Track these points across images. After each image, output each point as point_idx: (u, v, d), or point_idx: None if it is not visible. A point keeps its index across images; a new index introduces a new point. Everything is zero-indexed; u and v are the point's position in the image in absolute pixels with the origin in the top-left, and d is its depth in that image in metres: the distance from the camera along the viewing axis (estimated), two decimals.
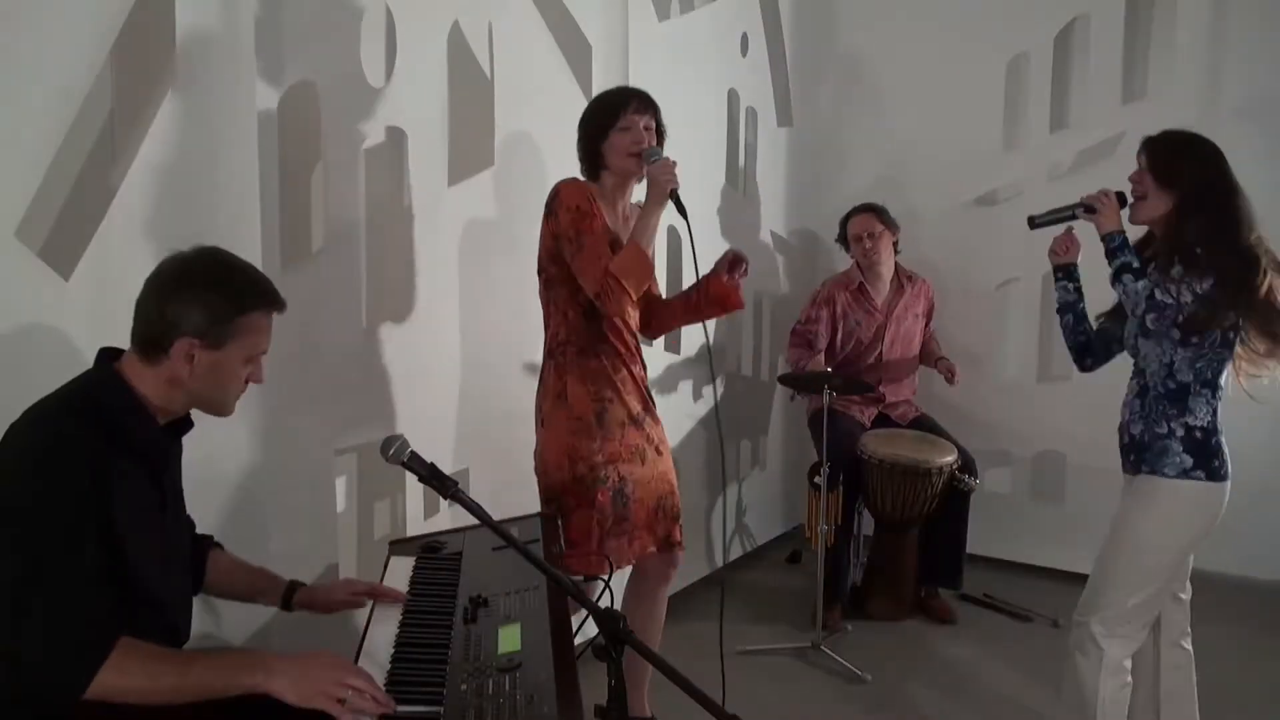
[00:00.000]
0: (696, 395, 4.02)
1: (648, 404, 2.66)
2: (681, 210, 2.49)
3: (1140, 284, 2.34)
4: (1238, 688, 3.28)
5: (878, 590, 3.87)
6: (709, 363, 2.69)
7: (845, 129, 4.61)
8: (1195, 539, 2.40)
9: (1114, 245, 2.42)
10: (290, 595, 1.92)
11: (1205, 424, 2.32)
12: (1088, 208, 2.49)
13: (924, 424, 3.97)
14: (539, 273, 2.57)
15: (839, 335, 3.99)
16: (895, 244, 3.97)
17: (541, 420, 2.58)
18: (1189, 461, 2.31)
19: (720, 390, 4.17)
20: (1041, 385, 4.22)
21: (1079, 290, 2.61)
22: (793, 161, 4.55)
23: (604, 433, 2.52)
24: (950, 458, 3.68)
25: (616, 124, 2.51)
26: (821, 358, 3.94)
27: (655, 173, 2.46)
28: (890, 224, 3.94)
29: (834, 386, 3.51)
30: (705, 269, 2.62)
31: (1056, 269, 2.62)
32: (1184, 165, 2.34)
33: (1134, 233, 2.46)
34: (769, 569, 4.38)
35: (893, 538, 3.85)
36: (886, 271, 3.99)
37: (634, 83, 3.36)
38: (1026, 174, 4.23)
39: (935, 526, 3.82)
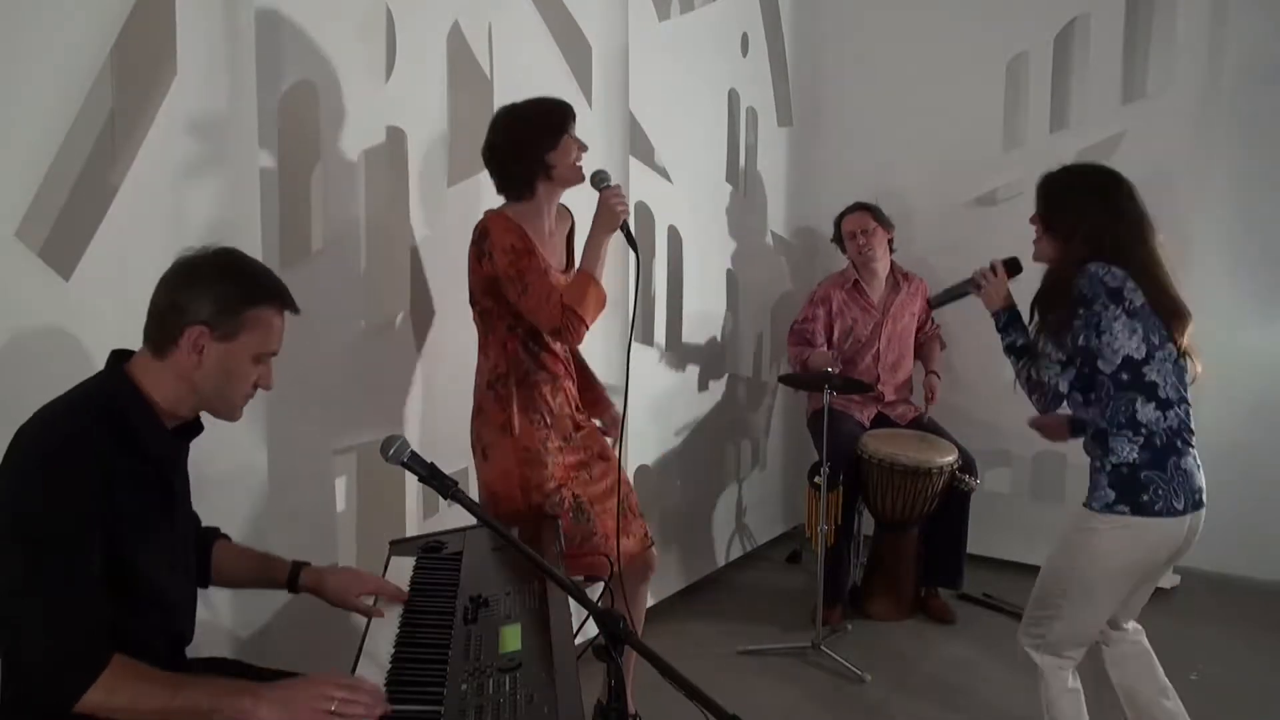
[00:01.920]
0: (697, 395, 4.02)
1: (577, 420, 2.64)
2: (631, 242, 2.48)
3: (1020, 365, 2.46)
4: (1237, 688, 3.28)
5: (878, 590, 3.87)
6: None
7: (845, 129, 4.61)
8: (1130, 570, 2.34)
9: (1000, 325, 2.52)
10: (296, 576, 1.90)
11: (1130, 460, 2.27)
12: (974, 284, 2.58)
13: (924, 424, 3.97)
14: (471, 304, 2.54)
15: (836, 333, 3.99)
16: (890, 242, 3.97)
17: (483, 451, 2.55)
18: (1111, 495, 2.29)
19: (721, 391, 4.17)
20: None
21: (1024, 328, 2.57)
22: (793, 161, 4.55)
23: (551, 458, 2.52)
24: (950, 458, 3.68)
25: (568, 132, 2.47)
26: (826, 347, 3.94)
27: (609, 200, 2.43)
28: (884, 222, 3.94)
29: (834, 386, 3.51)
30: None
31: (997, 314, 2.58)
32: (1061, 207, 2.39)
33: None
34: (769, 569, 4.38)
35: (893, 538, 3.85)
36: (882, 269, 3.99)
37: (634, 83, 3.38)
38: (1026, 174, 4.20)
39: (935, 526, 3.82)
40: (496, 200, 2.95)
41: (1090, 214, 2.33)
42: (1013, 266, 2.56)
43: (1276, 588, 4.05)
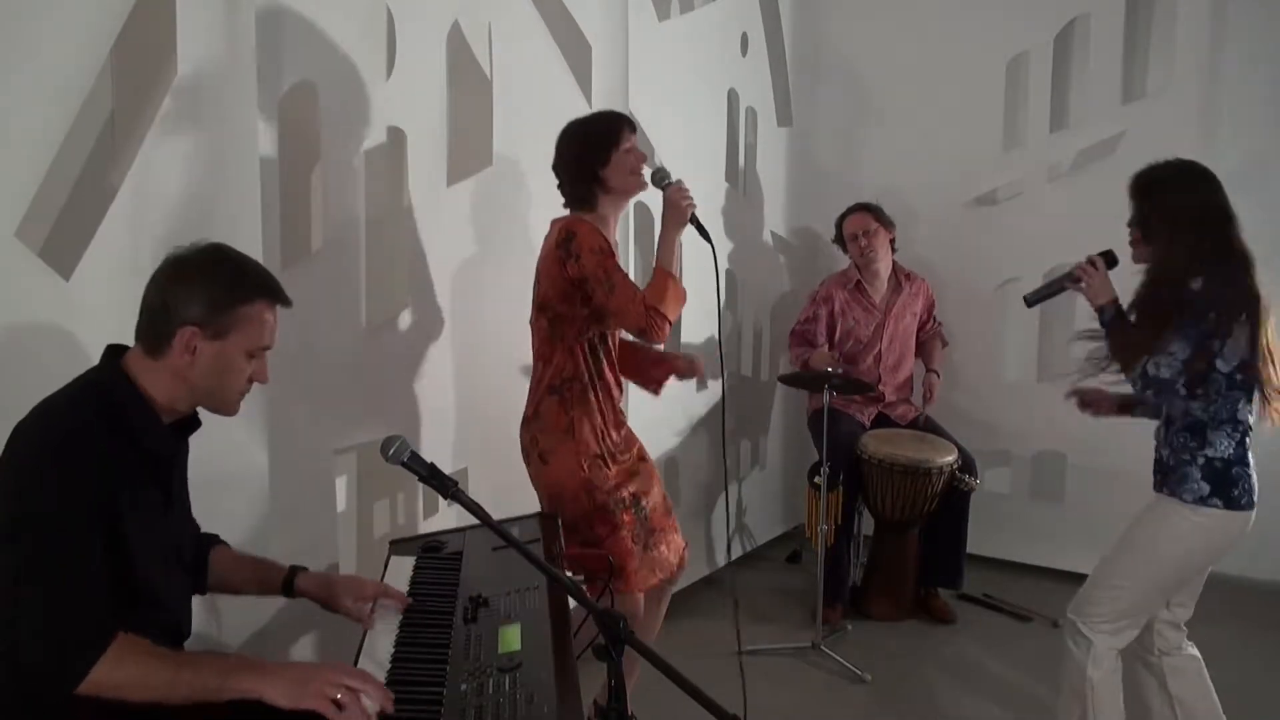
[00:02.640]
0: (697, 395, 4.02)
1: (622, 426, 2.72)
2: (704, 233, 2.53)
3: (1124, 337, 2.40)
4: (1239, 688, 3.27)
5: (878, 590, 3.87)
6: (720, 361, 2.69)
7: (845, 129, 4.61)
8: (1202, 562, 2.43)
9: (1104, 320, 2.47)
10: (291, 580, 1.89)
11: (1226, 455, 2.33)
12: (1074, 279, 2.53)
13: (924, 424, 3.97)
14: (540, 309, 2.57)
15: (837, 333, 3.99)
16: (892, 242, 3.97)
17: (540, 455, 2.58)
18: (1205, 489, 2.33)
19: (720, 390, 4.17)
20: (1041, 385, 4.21)
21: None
22: (793, 161, 4.55)
23: (612, 460, 2.60)
24: (950, 458, 3.68)
25: (620, 145, 2.52)
26: (827, 347, 3.94)
27: (674, 197, 2.50)
28: (886, 222, 3.94)
29: (834, 386, 3.51)
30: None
31: (1101, 309, 2.52)
32: (1153, 208, 2.37)
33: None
34: (769, 569, 4.38)
35: (893, 538, 3.85)
36: (884, 269, 3.99)
37: (634, 83, 3.38)
38: (1026, 174, 4.23)
39: (935, 526, 3.82)
40: (496, 200, 2.96)
41: (1181, 221, 2.33)
42: (1110, 259, 2.53)
43: (1276, 588, 4.05)
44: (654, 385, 2.85)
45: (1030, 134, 4.20)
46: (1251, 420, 2.35)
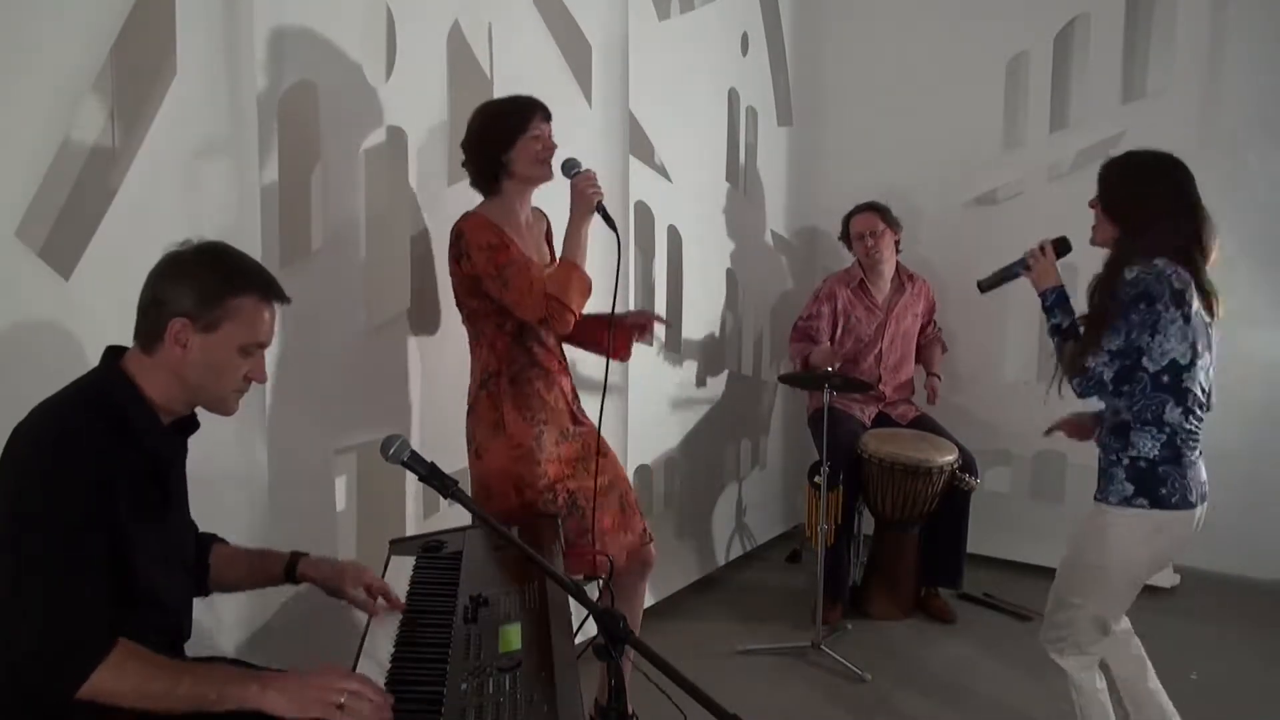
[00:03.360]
0: (697, 394, 4.02)
1: (575, 414, 2.66)
2: (609, 222, 2.48)
3: (1065, 347, 2.42)
4: (1237, 688, 3.28)
5: (878, 590, 3.87)
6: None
7: (845, 129, 4.61)
8: (1148, 563, 2.39)
9: (1046, 305, 2.49)
10: (293, 566, 1.89)
11: (1151, 455, 2.30)
12: (1025, 265, 2.55)
13: (924, 423, 3.97)
14: (458, 307, 2.56)
15: (839, 332, 3.99)
16: (897, 243, 3.98)
17: (476, 451, 2.56)
18: (1129, 489, 2.31)
19: (721, 390, 4.17)
20: (1041, 385, 4.19)
21: (1070, 310, 2.57)
22: (793, 161, 4.55)
23: (545, 455, 2.53)
24: (950, 457, 3.68)
25: (527, 131, 2.48)
26: (827, 344, 3.94)
27: (581, 185, 2.46)
28: (892, 223, 3.95)
29: (834, 385, 3.51)
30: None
31: (1044, 294, 2.55)
32: (1122, 192, 2.36)
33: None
34: (769, 569, 4.38)
35: (893, 537, 3.85)
36: (888, 270, 4.00)
37: (634, 83, 3.38)
38: (1026, 174, 4.23)
39: (935, 526, 3.82)
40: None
41: (1153, 204, 2.31)
42: (1062, 246, 2.54)
43: (1276, 588, 4.05)
44: (618, 352, 2.72)
45: (1030, 134, 4.20)
46: (1187, 423, 2.30)
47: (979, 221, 4.30)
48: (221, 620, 2.25)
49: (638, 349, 2.89)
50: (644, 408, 3.59)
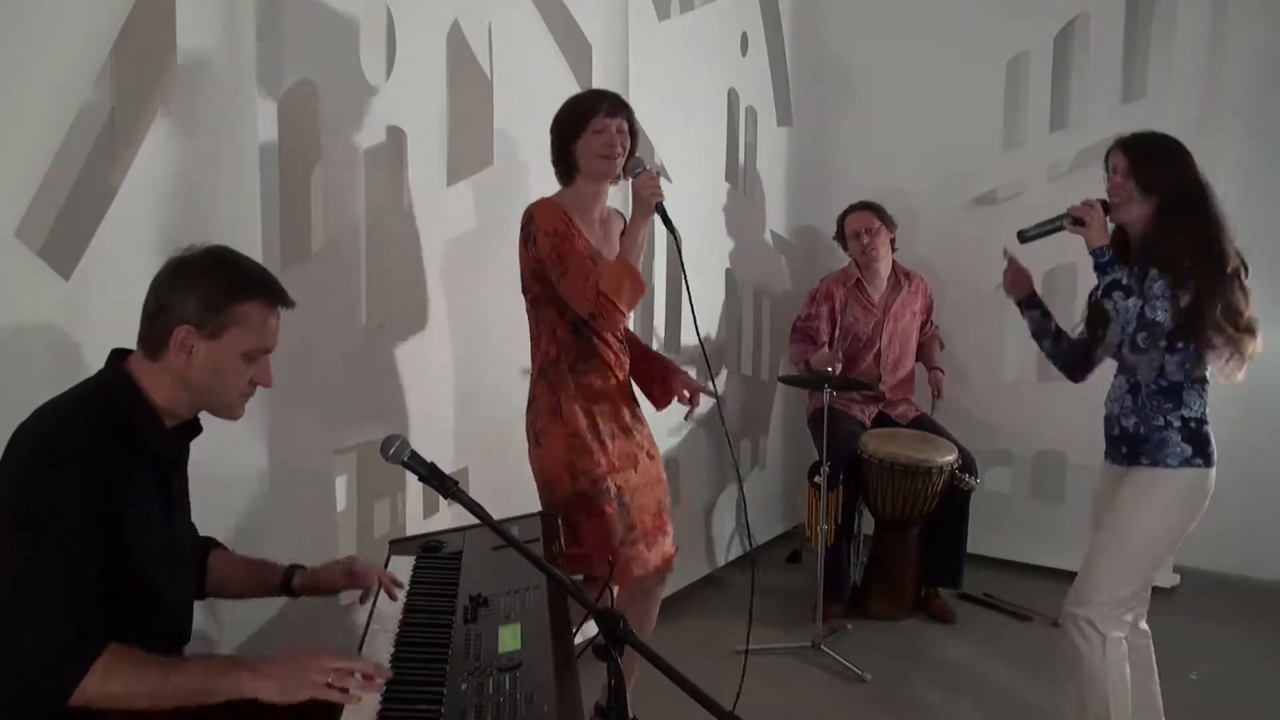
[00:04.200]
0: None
1: (635, 410, 2.68)
2: (668, 224, 2.49)
3: (1130, 301, 2.38)
4: (1237, 688, 3.28)
5: (878, 590, 3.87)
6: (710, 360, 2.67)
7: (845, 128, 4.61)
8: (1189, 523, 2.47)
9: (1103, 261, 2.45)
10: (290, 579, 1.90)
11: (1199, 414, 2.40)
12: (1075, 220, 2.51)
13: (924, 423, 3.97)
14: (524, 292, 2.58)
15: (837, 331, 3.99)
16: (893, 241, 3.98)
17: (535, 437, 2.58)
18: (1188, 450, 2.39)
19: (721, 390, 4.17)
20: (1041, 385, 4.22)
21: (1047, 313, 2.70)
22: (793, 161, 4.55)
23: (600, 445, 2.54)
24: (950, 457, 3.68)
25: (589, 126, 2.49)
26: (827, 348, 3.94)
27: (640, 186, 2.46)
28: (888, 221, 3.95)
29: (834, 386, 3.51)
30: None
31: (1018, 302, 2.70)
32: (1165, 171, 2.38)
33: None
34: (769, 569, 4.38)
35: (893, 537, 3.85)
36: (884, 268, 4.00)
37: (634, 83, 3.38)
38: (1026, 173, 4.23)
39: (935, 526, 3.82)
40: (496, 200, 2.96)
41: (1188, 175, 2.37)
42: (1106, 208, 2.52)
43: (1276, 588, 4.05)
44: (658, 401, 2.80)
45: (1030, 134, 4.20)
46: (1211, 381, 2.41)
47: (979, 221, 4.30)
48: (221, 621, 2.25)
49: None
50: (643, 407, 3.58)
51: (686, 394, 2.75)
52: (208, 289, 1.59)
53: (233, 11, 2.19)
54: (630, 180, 2.50)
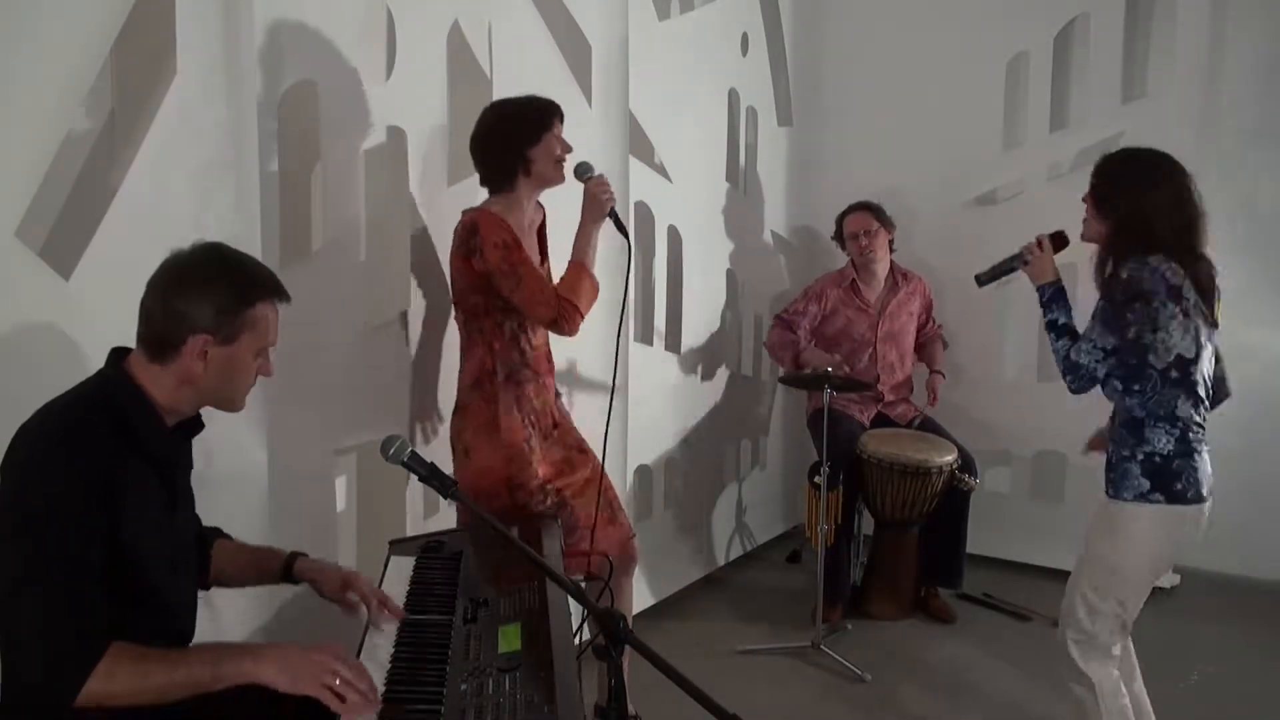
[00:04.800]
0: (697, 395, 4.02)
1: (555, 416, 2.68)
2: (620, 227, 2.50)
3: (1060, 344, 2.41)
4: (1237, 688, 3.28)
5: (878, 590, 3.87)
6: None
7: (845, 128, 4.61)
8: (1160, 556, 2.40)
9: (1043, 300, 2.49)
10: (290, 566, 1.89)
11: (1166, 451, 2.31)
12: (1022, 259, 2.55)
13: (924, 423, 3.97)
14: (457, 305, 2.56)
15: (830, 332, 3.99)
16: (891, 242, 3.98)
17: (464, 450, 2.54)
18: (1145, 485, 2.32)
19: (721, 390, 4.17)
20: (1041, 385, 4.21)
21: (1068, 308, 2.57)
22: (793, 161, 4.55)
23: (535, 456, 2.55)
24: (950, 457, 3.68)
25: (551, 130, 2.49)
26: (805, 340, 3.94)
27: (594, 190, 2.47)
28: (886, 222, 3.95)
29: (834, 386, 3.51)
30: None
31: (1041, 289, 2.55)
32: (1117, 191, 2.35)
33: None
34: (769, 569, 4.38)
35: (893, 537, 3.85)
36: (881, 269, 4.00)
37: (634, 83, 3.39)
38: (1026, 174, 4.23)
39: (935, 526, 3.82)
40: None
41: (1145, 201, 2.31)
42: (1059, 240, 2.54)
43: (1276, 588, 4.05)
44: None
45: (1030, 134, 4.20)
46: (1197, 415, 2.32)
47: (979, 221, 4.30)
48: (222, 620, 2.25)
49: (640, 350, 2.86)
50: (644, 408, 3.59)
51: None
52: (222, 296, 1.59)
53: (233, 11, 2.19)
54: (582, 182, 2.50)
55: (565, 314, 2.42)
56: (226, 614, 2.26)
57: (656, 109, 3.52)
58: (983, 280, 2.71)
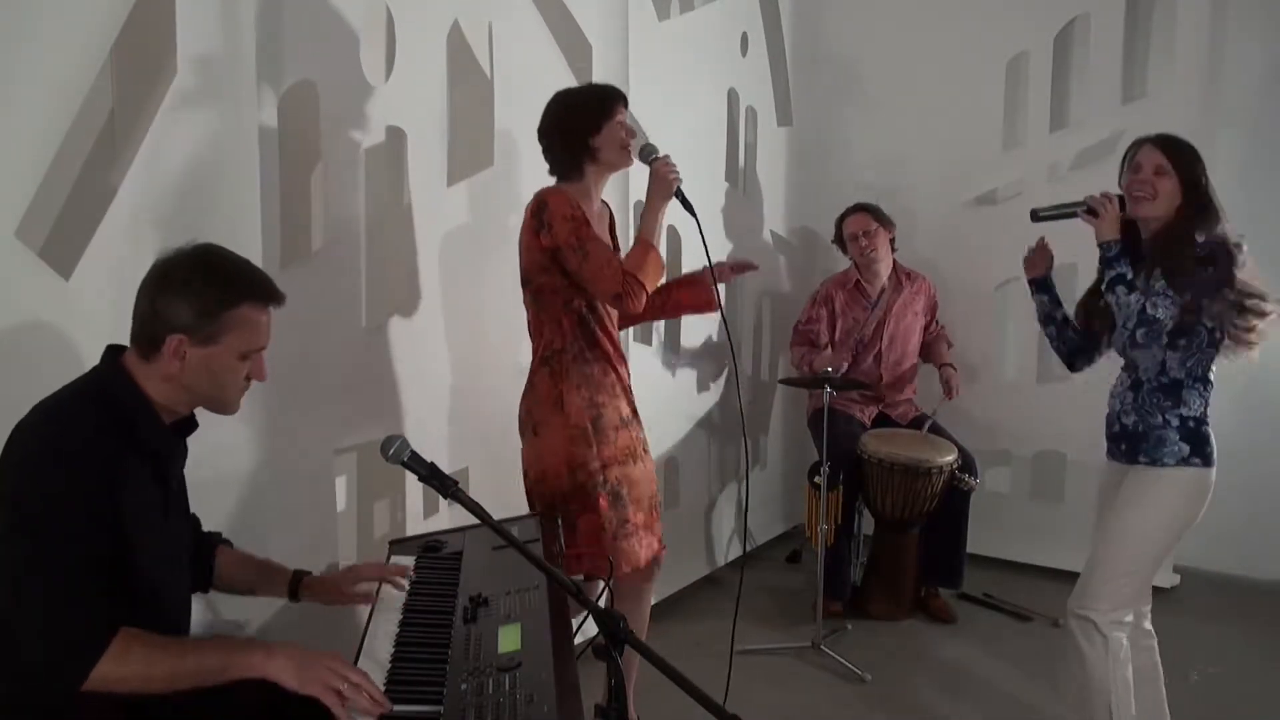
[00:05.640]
0: (697, 395, 4.02)
1: (633, 406, 2.69)
2: (688, 207, 2.53)
3: (1132, 297, 2.39)
4: (1237, 688, 3.28)
5: (878, 590, 3.87)
6: (733, 359, 2.68)
7: (845, 129, 4.61)
8: (1190, 522, 2.47)
9: (1110, 255, 2.46)
10: (297, 585, 1.91)
11: (1199, 414, 2.41)
12: (1090, 210, 2.50)
13: (924, 423, 3.97)
14: (524, 284, 2.57)
15: (838, 332, 3.99)
16: (892, 241, 3.98)
17: (533, 428, 2.57)
18: (1185, 449, 2.39)
19: (721, 390, 4.17)
20: (1041, 385, 4.22)
21: (1056, 299, 2.71)
22: (793, 161, 4.55)
23: (600, 438, 2.54)
24: (950, 457, 3.68)
25: (614, 117, 2.52)
26: (830, 351, 3.94)
27: (661, 170, 2.51)
28: (885, 221, 3.95)
29: (834, 386, 3.51)
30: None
31: (1031, 282, 2.70)
32: (1199, 169, 2.41)
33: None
34: (769, 569, 4.38)
35: (893, 537, 3.85)
36: (884, 269, 4.00)
37: (634, 83, 3.38)
38: (1026, 174, 4.23)
39: (935, 526, 3.82)
40: (496, 200, 2.96)
41: (1205, 185, 2.41)
42: (1122, 203, 2.52)
43: (1276, 588, 4.05)
44: (701, 304, 2.81)
45: (1030, 134, 4.20)
46: (1212, 380, 2.42)
47: (979, 221, 4.30)
48: (222, 619, 2.25)
49: (640, 350, 2.89)
50: (644, 408, 3.57)
51: (730, 273, 2.87)
52: (200, 297, 1.58)
53: (233, 11, 2.19)
54: (648, 165, 2.53)
55: (630, 289, 2.45)
56: (227, 613, 2.26)
57: (656, 109, 3.52)
58: (1039, 215, 2.62)
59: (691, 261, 3.86)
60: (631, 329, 2.90)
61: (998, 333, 4.36)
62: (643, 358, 3.62)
